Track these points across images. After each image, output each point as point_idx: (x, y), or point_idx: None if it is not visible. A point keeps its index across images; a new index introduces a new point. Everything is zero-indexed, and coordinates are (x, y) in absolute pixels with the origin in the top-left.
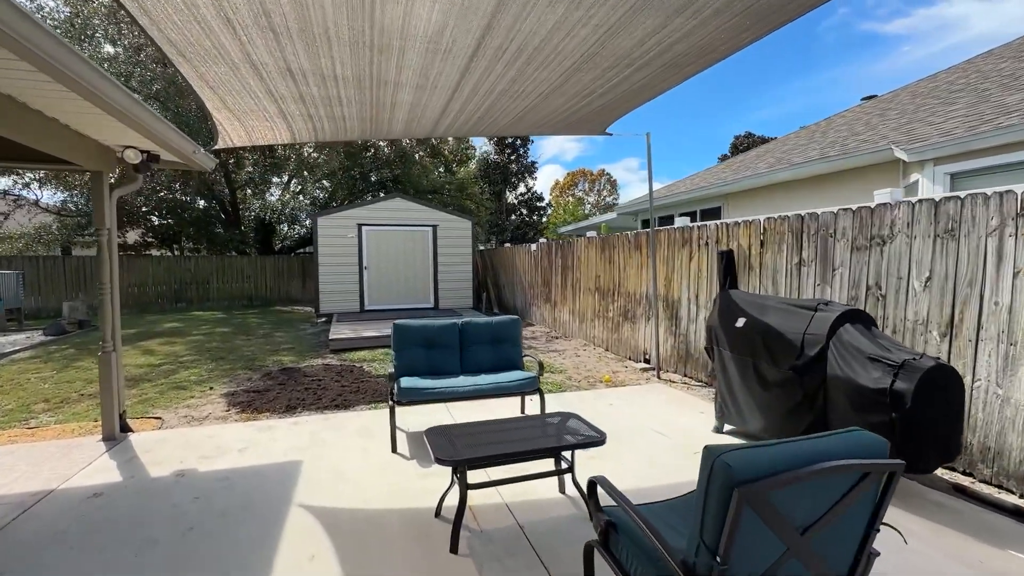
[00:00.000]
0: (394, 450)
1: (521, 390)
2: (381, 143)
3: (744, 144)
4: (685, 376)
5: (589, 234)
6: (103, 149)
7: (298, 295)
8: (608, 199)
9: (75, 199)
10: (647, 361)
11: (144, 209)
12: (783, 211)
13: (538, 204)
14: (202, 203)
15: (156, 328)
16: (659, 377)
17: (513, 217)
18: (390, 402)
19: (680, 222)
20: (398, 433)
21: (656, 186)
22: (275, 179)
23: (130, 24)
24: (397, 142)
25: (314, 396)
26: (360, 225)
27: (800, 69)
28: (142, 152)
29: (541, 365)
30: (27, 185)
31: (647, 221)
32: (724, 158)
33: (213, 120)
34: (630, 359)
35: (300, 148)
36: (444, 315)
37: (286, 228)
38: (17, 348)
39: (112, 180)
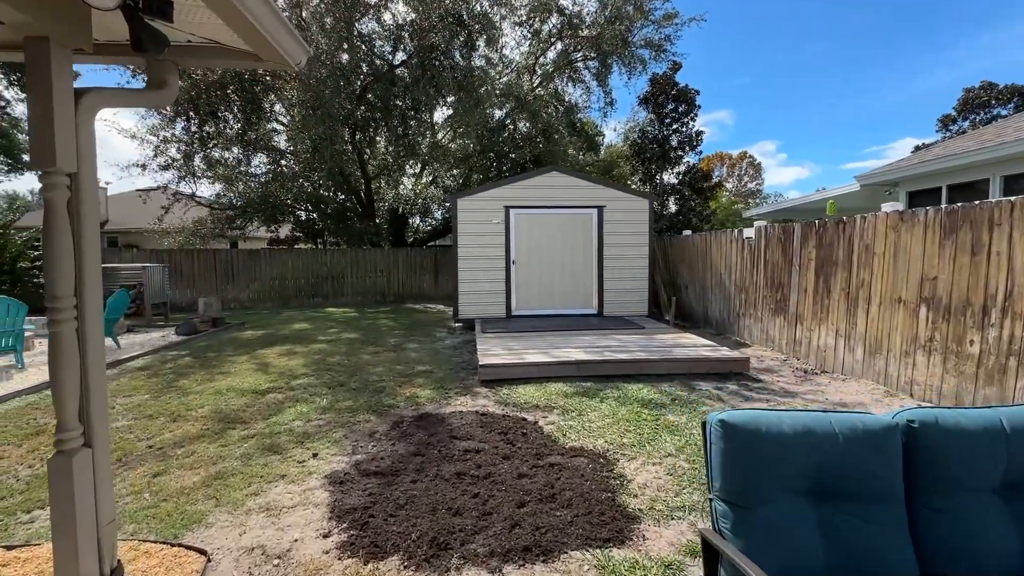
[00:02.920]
0: None
1: None
2: (521, 121)
3: (981, 98)
4: None
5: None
6: None
7: (430, 291)
8: (750, 185)
9: (226, 193)
10: None
11: (288, 201)
12: None
13: (704, 184)
14: (340, 196)
15: (283, 331)
16: None
17: (671, 202)
18: None
19: None
20: None
21: (801, 172)
22: (408, 168)
23: None
24: (540, 115)
25: (476, 505)
26: (508, 207)
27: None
28: None
29: None
30: (182, 178)
31: (917, 193)
32: (949, 120)
33: None
34: None
35: (436, 131)
36: (613, 326)
37: (418, 220)
38: (136, 354)
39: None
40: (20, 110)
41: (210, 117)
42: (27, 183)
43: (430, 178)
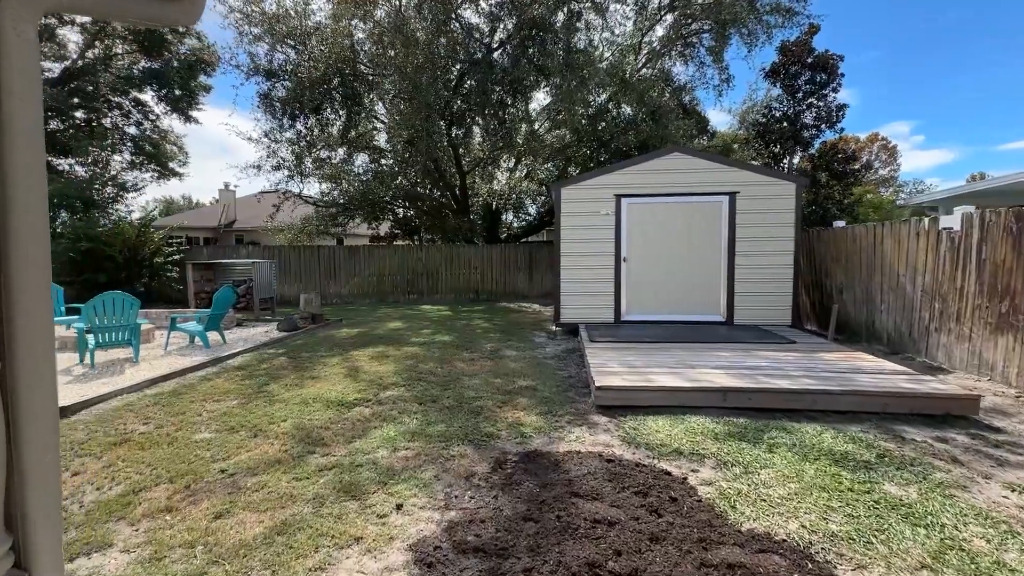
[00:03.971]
0: None
1: None
2: (625, 105)
3: None
4: None
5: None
6: None
7: (524, 289)
8: (881, 172)
9: (331, 192)
10: None
11: (387, 199)
12: None
13: (850, 168)
14: (436, 192)
15: (378, 330)
16: None
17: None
18: None
19: None
20: None
21: (961, 152)
22: (502, 161)
23: None
24: (646, 97)
25: None
26: (618, 196)
27: None
28: None
29: None
30: (291, 177)
31: None
32: None
33: None
34: None
35: (532, 120)
36: (751, 338)
37: (511, 217)
38: (237, 351)
39: None
40: (167, 123)
41: (313, 114)
42: (176, 188)
43: (524, 172)
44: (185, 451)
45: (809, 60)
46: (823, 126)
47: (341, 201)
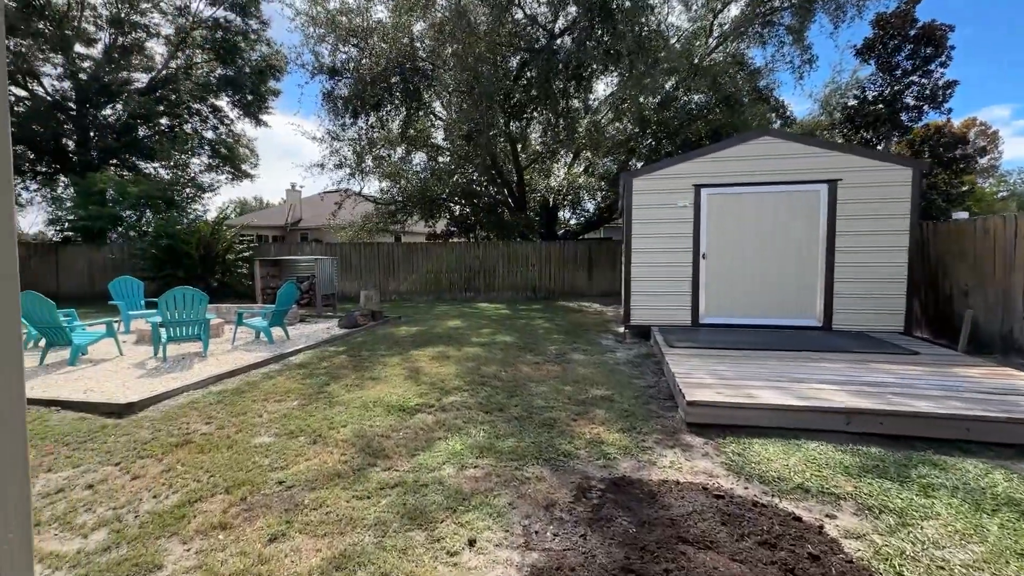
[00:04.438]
0: None
1: None
2: (696, 92)
3: None
4: None
5: None
6: None
7: (583, 288)
8: (980, 160)
9: (389, 189)
10: None
11: (443, 197)
12: None
13: (960, 153)
14: (492, 189)
15: (437, 328)
16: None
17: None
18: None
19: None
20: None
21: None
22: (560, 156)
23: None
24: (719, 82)
25: None
26: (697, 186)
27: None
28: None
29: None
30: (352, 175)
31: None
32: None
33: None
34: None
35: (596, 110)
36: (859, 347)
37: (568, 213)
38: (299, 347)
39: None
40: (240, 127)
41: (374, 111)
42: (248, 189)
43: (583, 166)
44: (244, 457)
45: (912, 32)
46: (926, 106)
47: (399, 199)
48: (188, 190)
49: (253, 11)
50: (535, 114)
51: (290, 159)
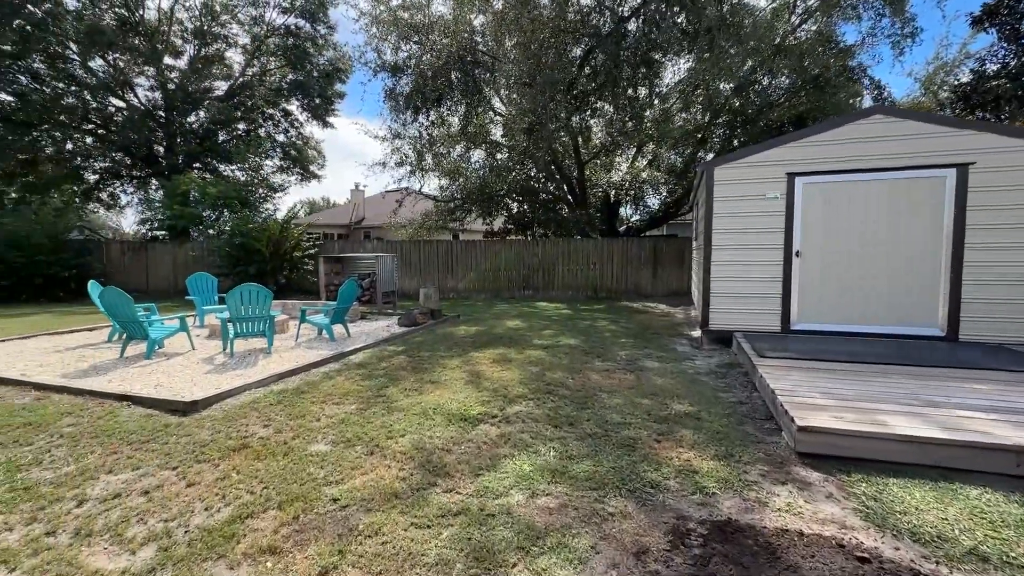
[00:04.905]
0: None
1: None
2: (777, 74)
3: None
4: None
5: None
6: None
7: (647, 287)
8: None
9: (449, 186)
10: None
11: (501, 193)
12: None
13: None
14: (551, 185)
15: (496, 329)
16: None
17: None
18: None
19: None
20: None
21: None
22: (624, 149)
23: None
24: (808, 61)
25: None
26: (791, 175)
27: None
28: None
29: None
30: (413, 172)
31: None
32: None
33: None
34: None
35: (664, 97)
36: (993, 362)
37: (629, 210)
38: (359, 346)
39: None
40: (308, 130)
41: (434, 106)
42: (315, 190)
43: (648, 159)
44: (299, 467)
45: None
46: None
47: (458, 196)
48: (260, 190)
49: (321, 16)
50: (599, 104)
51: (354, 160)
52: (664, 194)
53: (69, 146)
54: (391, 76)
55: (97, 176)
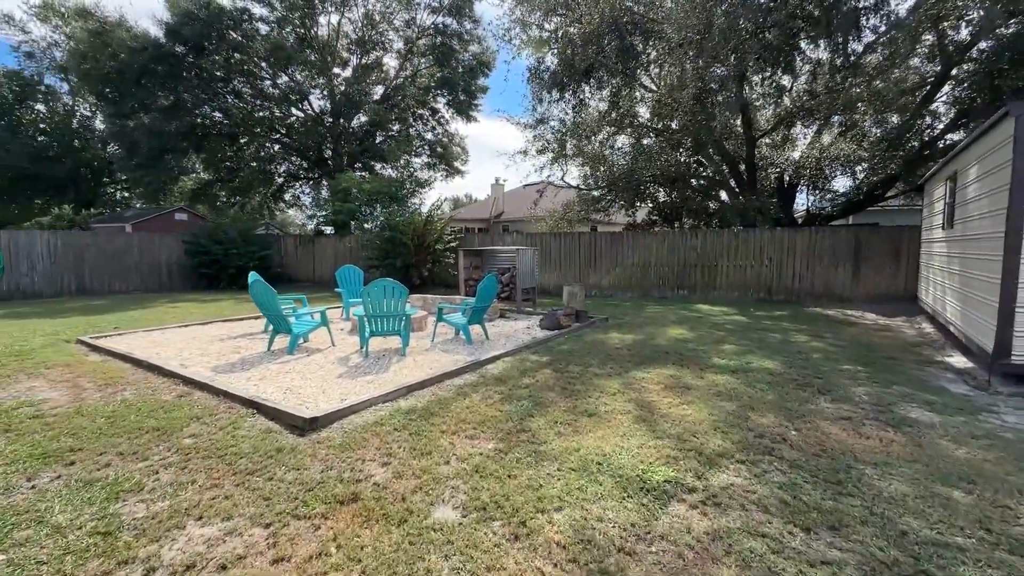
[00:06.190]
0: None
1: None
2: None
3: None
4: None
5: None
6: None
7: (845, 290)
8: None
9: (592, 175)
10: None
11: (649, 178)
12: None
13: None
14: (706, 170)
15: (657, 338)
16: None
17: None
18: None
19: None
20: None
21: None
22: (816, 118)
23: None
24: None
25: None
26: None
27: None
28: None
29: None
30: (555, 160)
31: None
32: None
33: None
34: None
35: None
36: None
37: (806, 196)
38: (497, 354)
39: None
40: (453, 127)
41: (583, 78)
42: (459, 186)
43: (837, 131)
44: (414, 551)
45: None
46: None
47: (602, 185)
48: (408, 185)
49: (467, 12)
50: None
51: (496, 154)
52: (861, 175)
53: (262, 154)
54: (535, 52)
55: (282, 180)
